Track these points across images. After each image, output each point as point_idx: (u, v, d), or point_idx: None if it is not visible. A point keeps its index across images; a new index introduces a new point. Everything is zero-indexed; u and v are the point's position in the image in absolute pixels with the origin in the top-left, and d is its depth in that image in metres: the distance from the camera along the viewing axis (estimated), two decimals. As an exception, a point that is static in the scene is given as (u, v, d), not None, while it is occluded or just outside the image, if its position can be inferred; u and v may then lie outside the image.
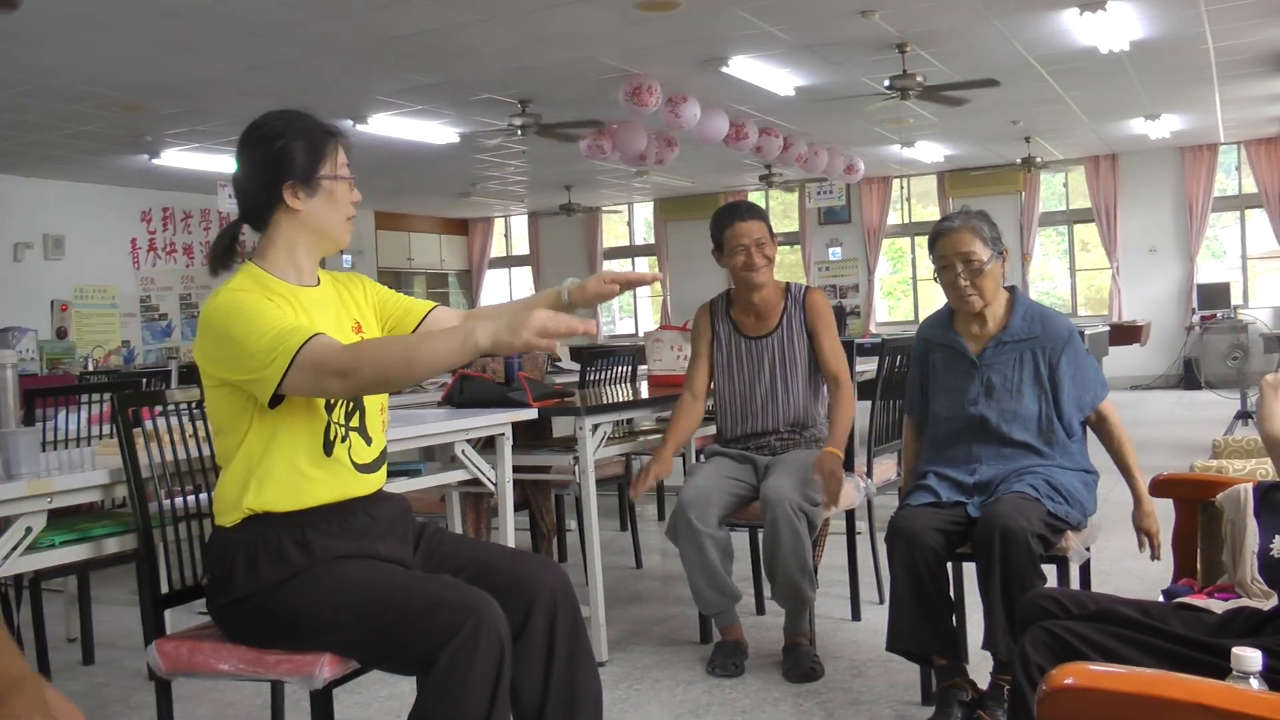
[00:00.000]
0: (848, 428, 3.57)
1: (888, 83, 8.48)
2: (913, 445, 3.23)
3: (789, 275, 15.83)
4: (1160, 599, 2.11)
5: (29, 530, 2.24)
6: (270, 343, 1.93)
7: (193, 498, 2.41)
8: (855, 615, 3.91)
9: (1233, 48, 8.65)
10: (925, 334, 3.15)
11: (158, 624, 2.29)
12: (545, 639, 2.12)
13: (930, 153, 13.39)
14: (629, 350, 5.43)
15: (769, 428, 3.62)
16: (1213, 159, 13.83)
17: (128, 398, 2.38)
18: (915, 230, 16.00)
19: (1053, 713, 1.34)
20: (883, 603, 3.85)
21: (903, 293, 16.50)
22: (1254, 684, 1.33)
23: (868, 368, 4.78)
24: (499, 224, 18.93)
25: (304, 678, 2.01)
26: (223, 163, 10.92)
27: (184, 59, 7.50)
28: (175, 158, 10.93)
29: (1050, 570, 2.79)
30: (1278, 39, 8.44)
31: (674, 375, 4.39)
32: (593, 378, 4.94)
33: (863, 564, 4.00)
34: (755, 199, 16.07)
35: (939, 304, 3.17)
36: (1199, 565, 2.39)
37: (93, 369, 10.25)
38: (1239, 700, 1.25)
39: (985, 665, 2.91)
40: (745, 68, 8.52)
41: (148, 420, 2.42)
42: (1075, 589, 2.74)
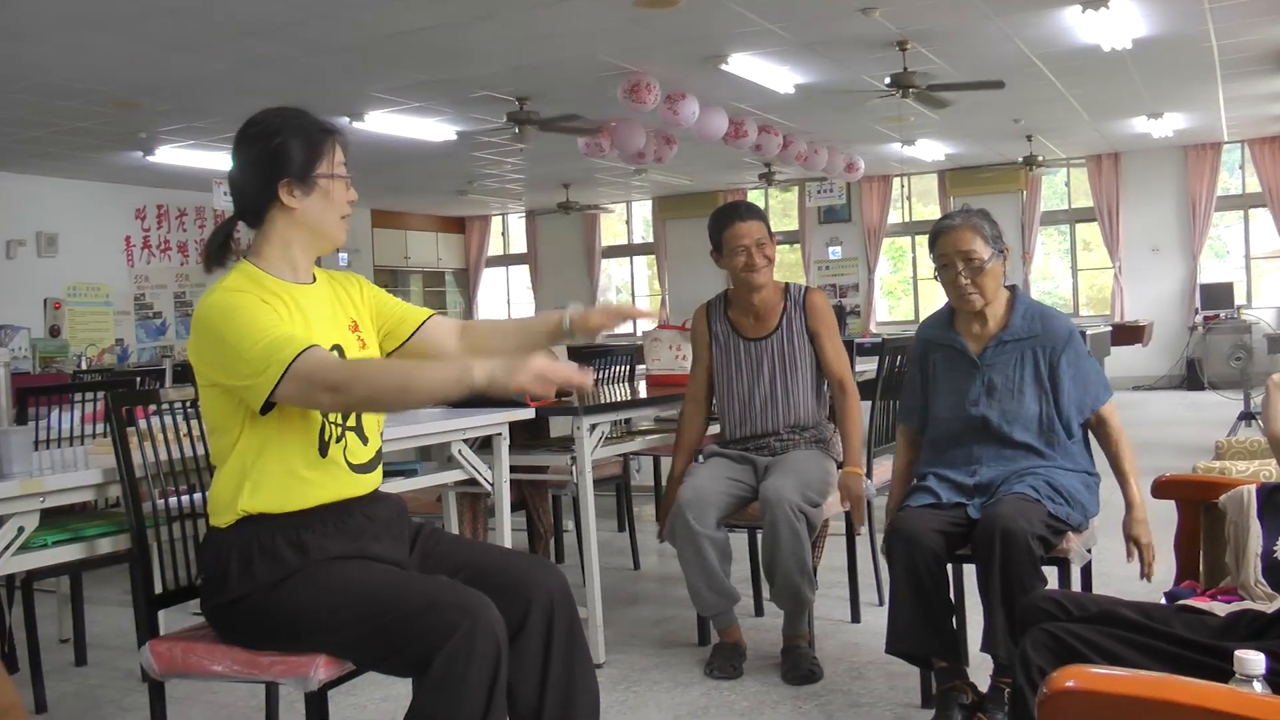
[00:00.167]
0: (860, 437, 3.57)
1: (888, 80, 8.48)
2: (905, 453, 3.18)
3: (789, 274, 15.83)
4: (1162, 601, 2.11)
5: (21, 530, 2.24)
6: (264, 350, 1.93)
7: (187, 497, 2.41)
8: (855, 617, 3.91)
9: (1236, 45, 8.65)
10: (925, 334, 3.14)
11: (151, 625, 2.29)
12: (542, 641, 2.12)
13: (931, 151, 13.39)
14: (627, 350, 5.42)
15: (769, 430, 3.61)
16: (1216, 158, 13.84)
17: (121, 396, 2.38)
18: (916, 229, 16.00)
19: (1054, 716, 1.34)
20: (882, 604, 3.85)
21: (903, 292, 16.50)
22: (1257, 687, 1.33)
23: (868, 367, 4.78)
24: (496, 222, 18.93)
25: (299, 679, 2.01)
26: (218, 160, 10.91)
27: (179, 56, 7.49)
28: (170, 155, 10.92)
29: (1051, 572, 2.79)
30: (1282, 37, 8.45)
31: (672, 375, 4.39)
32: (590, 377, 4.93)
33: (862, 565, 4.00)
34: (754, 197, 16.07)
35: (939, 303, 3.16)
36: (1201, 567, 2.39)
37: (86, 367, 10.23)
38: (1242, 704, 1.25)
39: (985, 668, 2.91)
40: (745, 65, 8.52)
41: (141, 419, 2.42)
42: (1076, 591, 2.74)
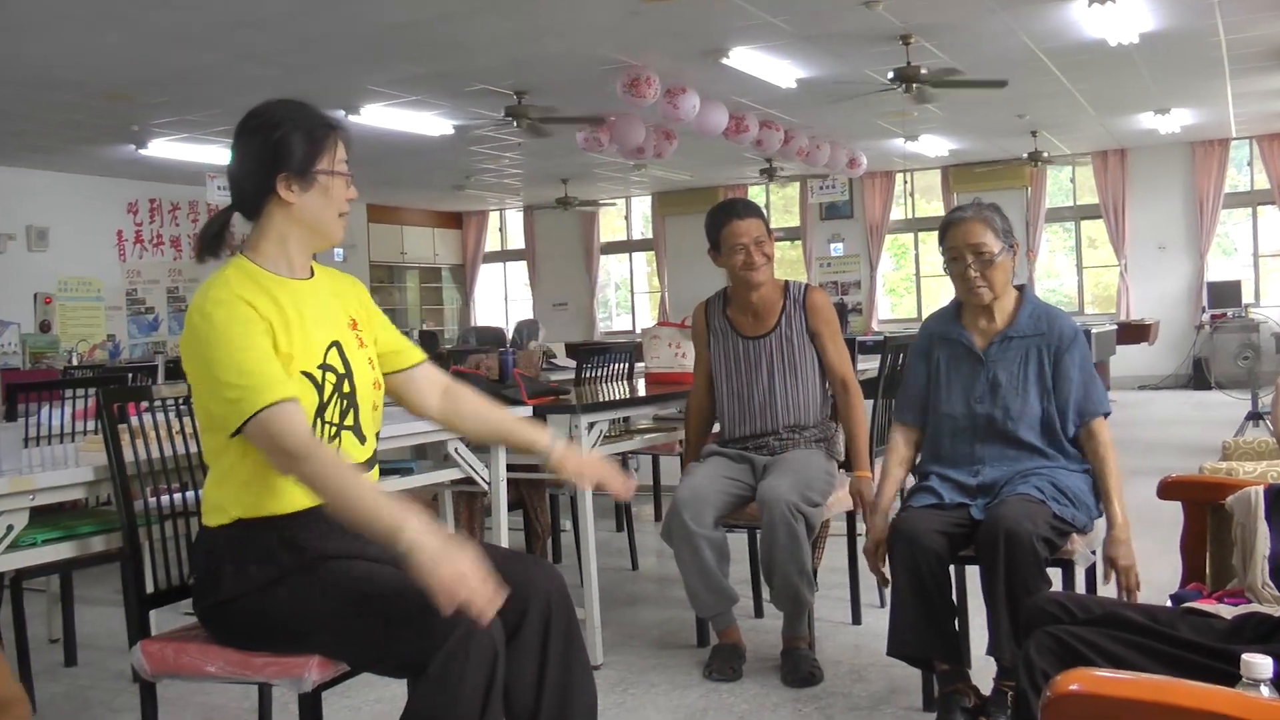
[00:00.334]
0: (866, 439, 3.56)
1: (891, 75, 8.48)
2: (898, 450, 3.11)
3: (790, 271, 15.83)
4: (1168, 604, 2.11)
5: (10, 528, 2.24)
6: (240, 391, 1.93)
7: (179, 495, 2.41)
8: (856, 619, 3.91)
9: (1245, 40, 8.65)
10: (931, 327, 3.14)
11: (143, 625, 2.29)
12: (539, 642, 2.12)
13: (934, 147, 13.39)
14: (625, 347, 5.42)
15: (768, 429, 3.61)
16: (1224, 154, 13.84)
17: (113, 393, 2.38)
18: (919, 226, 16.00)
19: (1058, 720, 1.34)
20: (884, 606, 3.85)
21: (906, 290, 16.49)
22: (1265, 691, 1.33)
23: (870, 366, 4.78)
24: (494, 218, 18.92)
25: (292, 680, 2.01)
26: (211, 153, 10.90)
27: (172, 47, 7.48)
28: (163, 148, 10.90)
29: (1055, 574, 2.79)
30: (1291, 32, 8.45)
31: (671, 373, 4.39)
32: (589, 375, 4.93)
33: (863, 566, 3.98)
34: (756, 193, 16.08)
35: (943, 302, 3.15)
36: (1208, 569, 2.39)
37: (77, 363, 10.24)
38: (1249, 708, 1.25)
39: (988, 671, 2.91)
40: (746, 59, 8.51)
41: (133, 416, 2.42)
42: (1081, 593, 2.75)
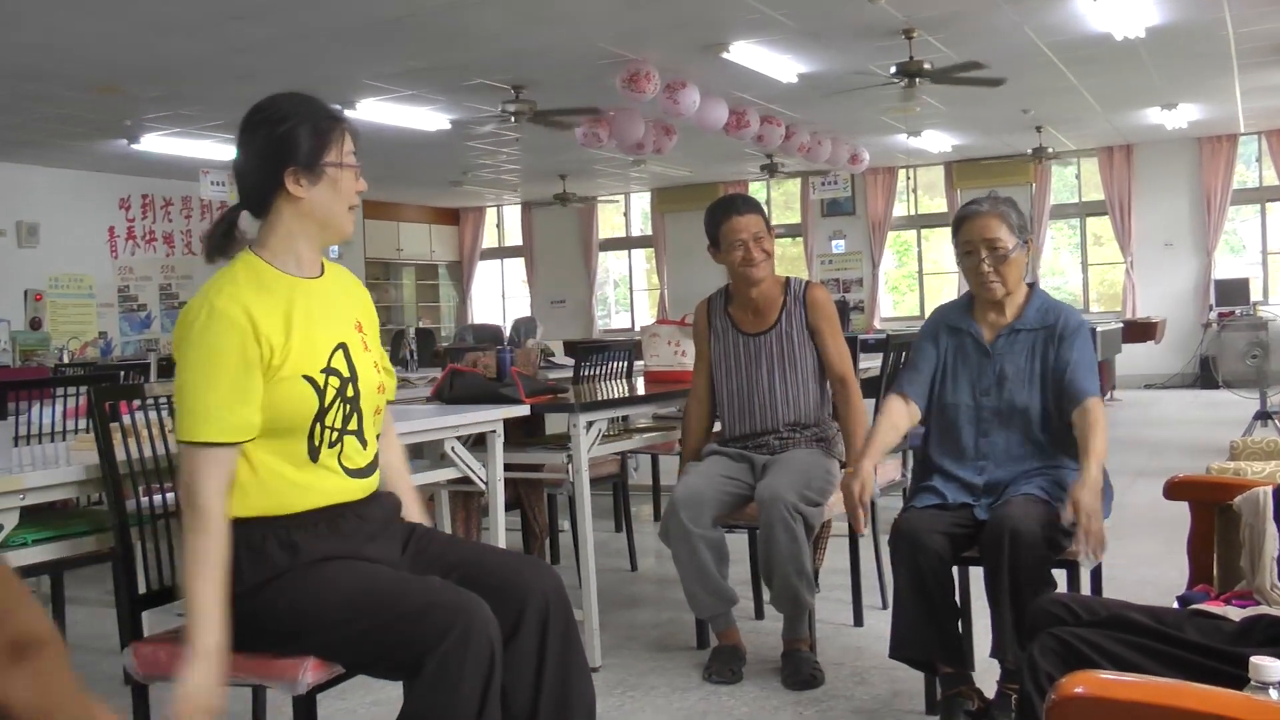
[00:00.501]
0: (862, 437, 3.56)
1: (894, 69, 8.48)
2: (888, 416, 3.06)
3: (791, 268, 15.83)
4: (1175, 605, 2.11)
5: (0, 528, 2.24)
6: (185, 412, 1.97)
7: (172, 495, 2.41)
8: (857, 620, 3.91)
9: (1254, 34, 8.64)
10: (942, 316, 3.16)
11: (135, 626, 2.29)
12: (537, 643, 2.12)
13: (938, 142, 13.39)
14: (625, 345, 5.42)
15: (768, 427, 3.61)
16: (1232, 150, 13.84)
17: (105, 391, 2.38)
18: (921, 223, 16.00)
19: (1063, 723, 1.34)
20: (886, 608, 3.85)
21: (908, 287, 16.49)
22: (1274, 695, 1.33)
23: (872, 364, 4.78)
24: (491, 214, 18.91)
25: (287, 682, 2.01)
26: (205, 148, 10.88)
27: (164, 40, 7.48)
28: (155, 143, 10.89)
29: (1060, 575, 2.80)
30: (1300, 26, 8.45)
31: (671, 371, 4.39)
32: (587, 373, 4.93)
33: (865, 567, 4.00)
34: (756, 189, 16.09)
35: (945, 300, 3.15)
36: (1215, 571, 2.39)
37: (68, 361, 10.21)
38: (1258, 712, 1.25)
39: (992, 673, 2.91)
40: (746, 53, 8.51)
41: (125, 415, 2.42)
42: (1086, 594, 2.75)
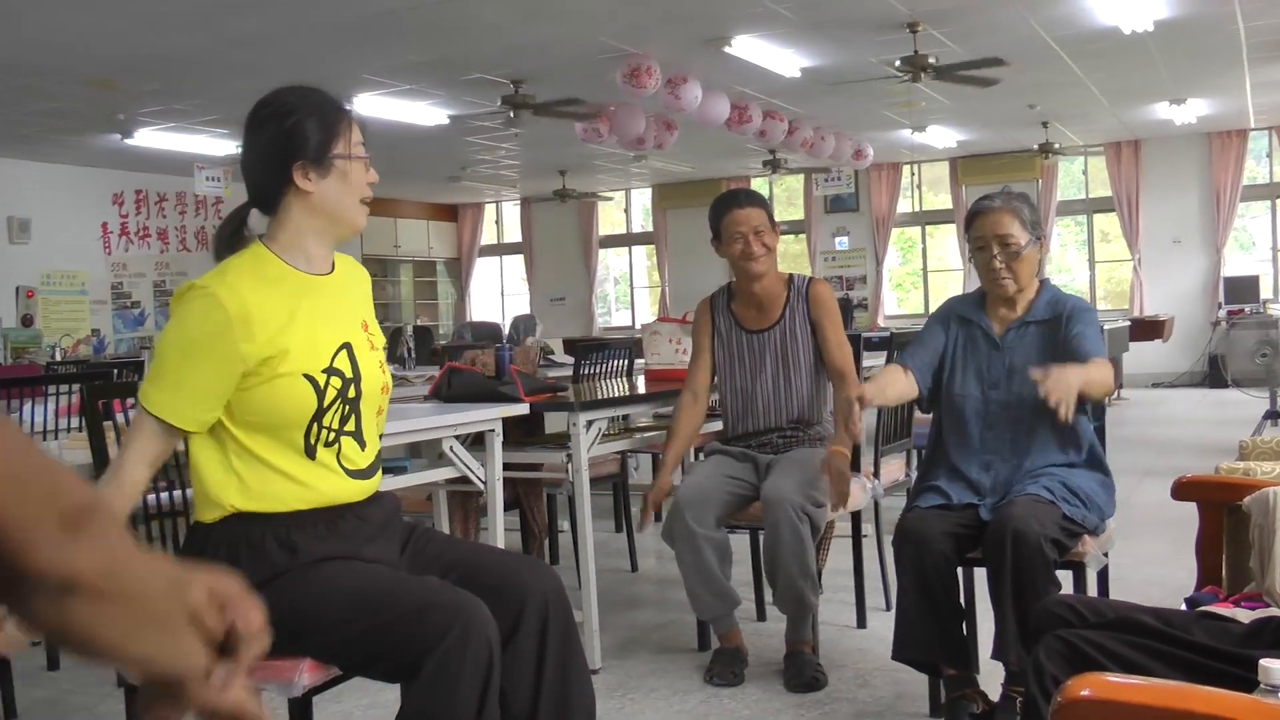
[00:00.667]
0: (857, 431, 3.56)
1: (898, 64, 8.47)
2: (890, 374, 3.07)
3: (793, 265, 15.83)
4: (1182, 607, 2.11)
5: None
6: (152, 387, 2.00)
7: (165, 494, 2.41)
8: (861, 622, 3.92)
9: (1265, 28, 8.63)
10: (954, 307, 3.17)
11: (128, 627, 2.28)
12: (536, 645, 2.12)
13: (943, 138, 13.38)
14: (625, 343, 5.42)
15: (771, 425, 3.62)
16: (1242, 145, 13.83)
17: (98, 389, 2.38)
18: (926, 219, 16.00)
19: (1069, 726, 1.34)
20: (889, 609, 3.85)
21: (912, 285, 16.49)
22: (1282, 697, 1.33)
23: (875, 363, 4.78)
24: (490, 210, 18.91)
25: (282, 684, 2.01)
26: (200, 143, 10.88)
27: (159, 33, 7.47)
28: (149, 137, 10.88)
29: (1066, 576, 2.80)
30: (1310, 20, 8.44)
31: (672, 370, 4.39)
32: (587, 372, 4.93)
33: (869, 568, 4.00)
34: (759, 185, 16.08)
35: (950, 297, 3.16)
36: (1224, 572, 2.39)
37: (61, 359, 10.23)
38: (1267, 715, 1.25)
39: (996, 676, 2.91)
40: (749, 48, 8.51)
41: (119, 413, 2.42)
42: (1092, 596, 2.75)
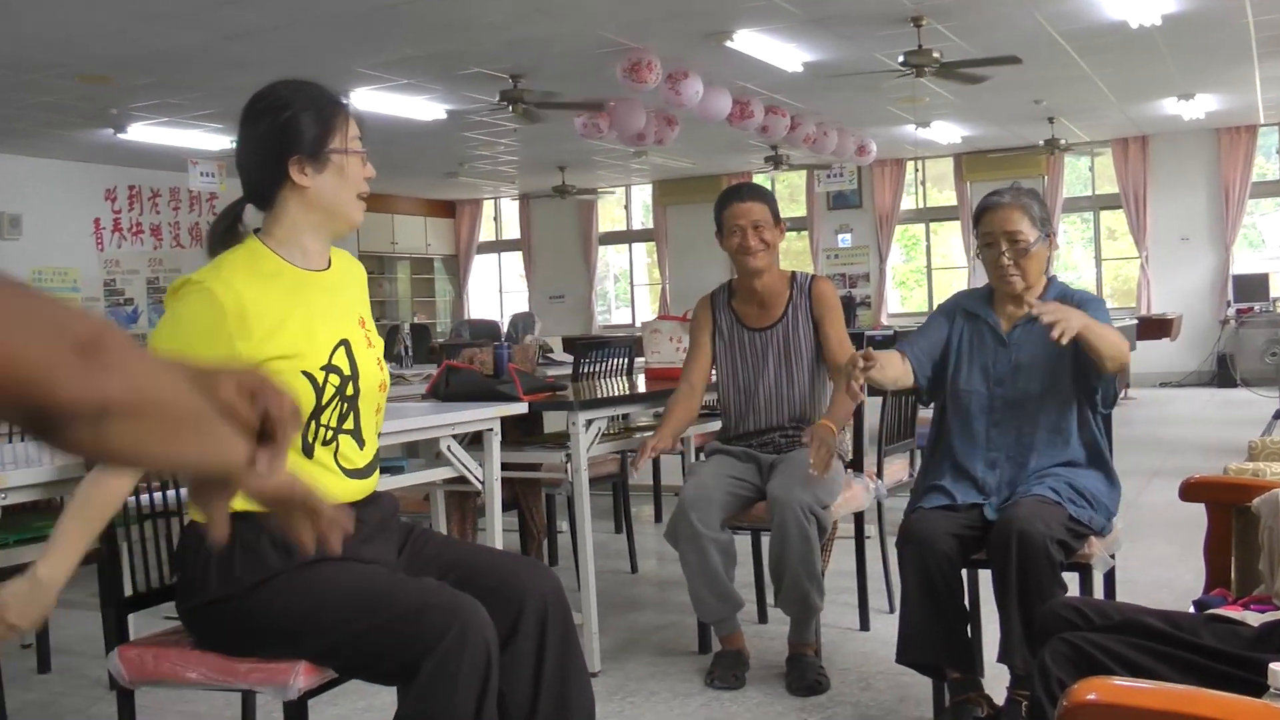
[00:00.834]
0: (850, 412, 3.56)
1: (902, 59, 8.47)
2: (894, 361, 3.03)
3: (796, 263, 15.83)
4: (1191, 610, 2.11)
5: (-17, 528, 2.24)
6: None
7: (159, 494, 2.41)
8: (864, 625, 3.92)
9: (1275, 21, 8.63)
10: (961, 300, 3.17)
11: (120, 629, 2.28)
12: (535, 647, 2.12)
13: (947, 134, 13.38)
14: (625, 342, 5.42)
15: (773, 424, 3.62)
16: (1251, 141, 13.83)
17: (90, 387, 2.37)
18: (930, 216, 16.00)
19: (1075, 730, 1.34)
20: (893, 612, 3.85)
21: (916, 282, 16.48)
22: (1291, 700, 1.33)
23: (880, 362, 4.77)
24: (488, 206, 18.91)
25: (277, 687, 2.01)
26: (194, 138, 10.88)
27: (152, 27, 7.47)
28: (143, 132, 10.88)
29: (1072, 579, 2.80)
30: (1321, 14, 8.44)
31: (672, 368, 4.39)
32: (586, 370, 4.93)
33: (872, 570, 4.00)
34: (760, 181, 16.07)
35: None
36: (1233, 574, 2.39)
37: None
38: (1277, 719, 1.25)
39: (1001, 679, 2.91)
40: (751, 42, 8.51)
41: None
42: (1099, 598, 2.75)
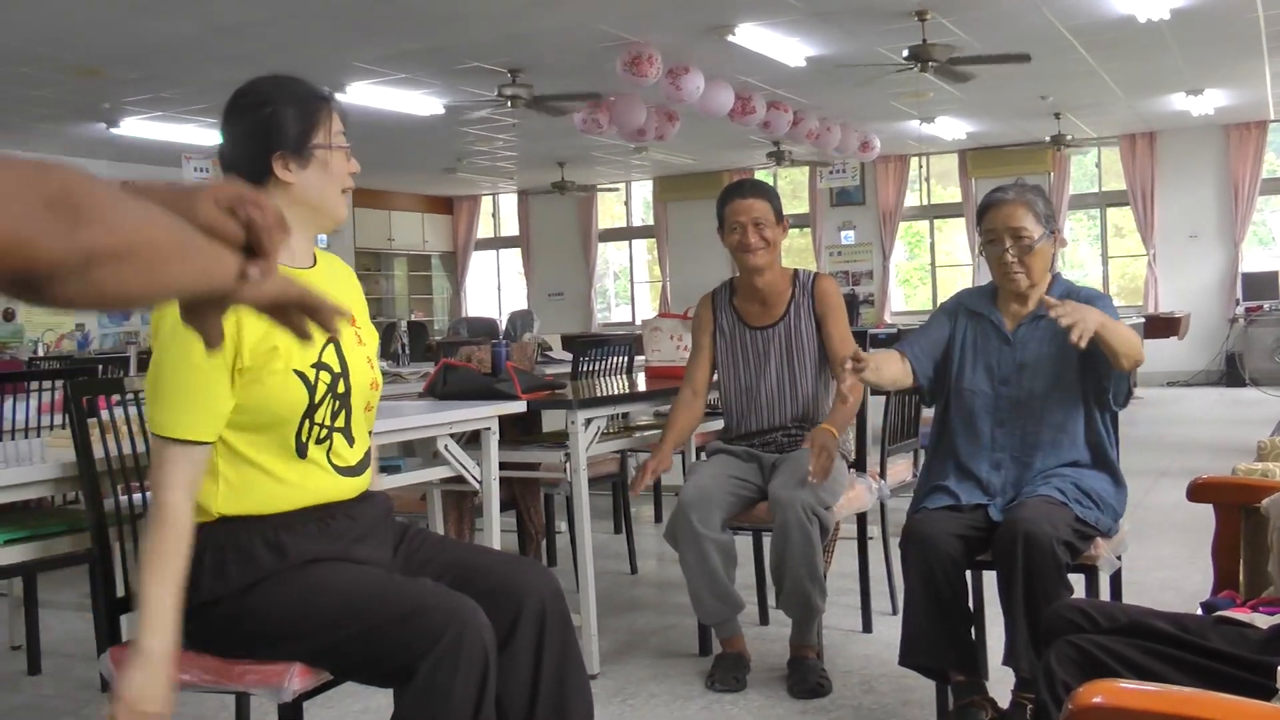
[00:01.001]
0: (851, 415, 3.56)
1: (906, 53, 8.47)
2: (892, 362, 3.03)
3: (798, 260, 15.84)
4: (1198, 612, 2.11)
5: (-27, 528, 2.24)
6: (159, 406, 1.97)
7: (152, 494, 2.40)
8: (866, 627, 3.92)
9: (1282, 18, 8.64)
10: (964, 299, 3.17)
11: (112, 631, 2.29)
12: (533, 649, 2.12)
13: (951, 129, 13.38)
14: (625, 340, 5.42)
15: (775, 424, 3.62)
16: (1261, 137, 13.82)
17: (82, 385, 2.38)
18: (934, 213, 16.00)
19: (1081, 733, 1.34)
20: (896, 614, 3.85)
21: (920, 280, 16.48)
22: (1299, 704, 1.33)
23: (883, 360, 4.77)
24: (486, 202, 18.91)
25: (272, 689, 2.01)
26: (187, 133, 10.89)
27: (146, 20, 7.47)
28: (136, 127, 10.89)
29: (1078, 580, 2.80)
30: (1331, 8, 8.43)
31: (673, 367, 4.39)
32: (586, 369, 4.94)
33: (875, 571, 3.99)
34: (762, 178, 16.07)
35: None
36: (1241, 576, 2.39)
37: (43, 354, 10.25)
38: (1283, 721, 1.25)
39: (1006, 682, 2.91)
40: (753, 36, 8.51)
41: (103, 410, 2.41)
42: (1105, 600, 2.75)
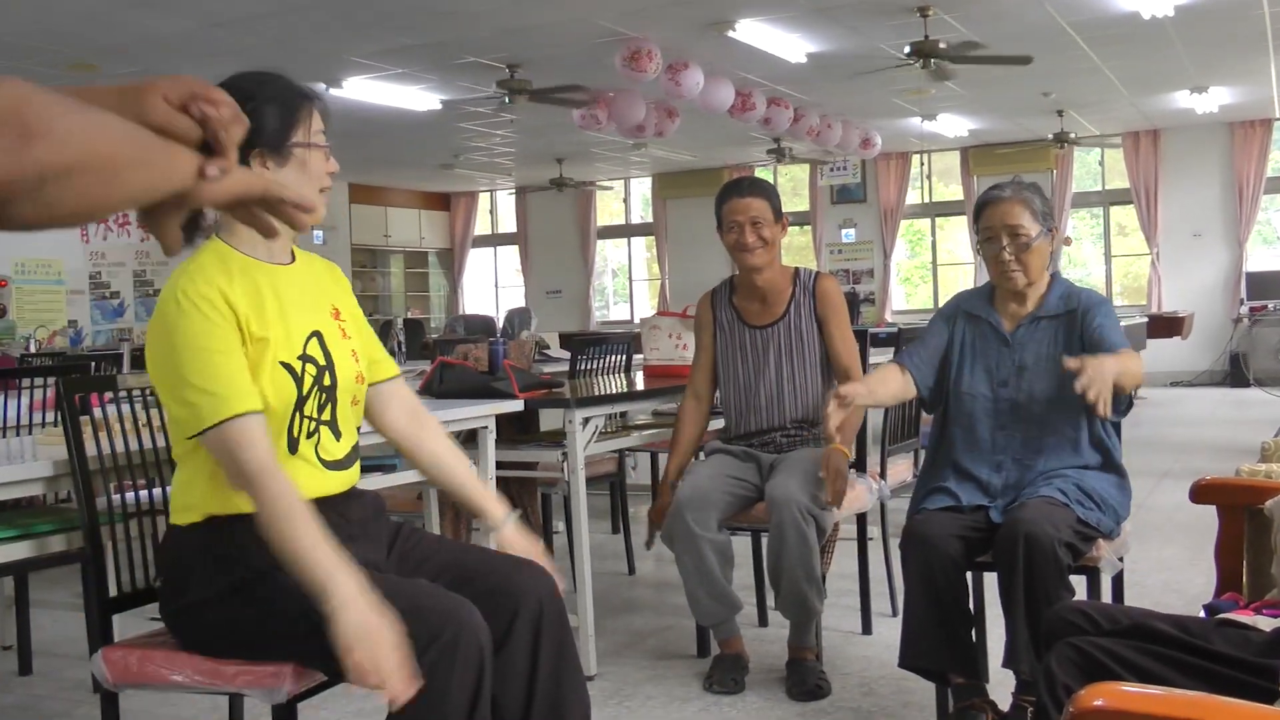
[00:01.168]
0: (858, 425, 3.57)
1: (908, 49, 8.47)
2: (884, 372, 3.08)
3: (798, 258, 15.84)
4: (1201, 614, 2.11)
5: (-36, 526, 2.24)
6: (204, 398, 1.94)
7: (145, 493, 2.41)
8: (866, 628, 3.92)
9: (1287, 15, 8.64)
10: (962, 302, 3.17)
11: (104, 631, 2.29)
12: (529, 650, 2.12)
13: (953, 126, 13.38)
14: (623, 338, 5.42)
15: (774, 424, 3.62)
16: (1266, 135, 13.83)
17: (74, 382, 2.38)
18: (935, 211, 16.00)
19: (1081, 736, 1.34)
20: (896, 615, 3.86)
21: (921, 279, 16.49)
22: (1303, 707, 1.33)
23: (882, 359, 4.78)
24: (484, 199, 18.90)
25: (265, 690, 2.01)
26: (181, 128, 10.86)
27: (140, 14, 7.47)
28: (129, 122, 10.88)
29: (1079, 582, 2.80)
30: (1337, 5, 8.44)
31: (672, 365, 4.39)
32: (584, 367, 4.93)
33: (874, 572, 4.00)
34: (762, 175, 16.08)
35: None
36: (1245, 578, 2.39)
37: (35, 351, 10.24)
38: (1286, 725, 1.25)
39: (1006, 684, 2.92)
40: (753, 32, 8.50)
41: (96, 407, 2.42)
42: (1107, 602, 2.75)
